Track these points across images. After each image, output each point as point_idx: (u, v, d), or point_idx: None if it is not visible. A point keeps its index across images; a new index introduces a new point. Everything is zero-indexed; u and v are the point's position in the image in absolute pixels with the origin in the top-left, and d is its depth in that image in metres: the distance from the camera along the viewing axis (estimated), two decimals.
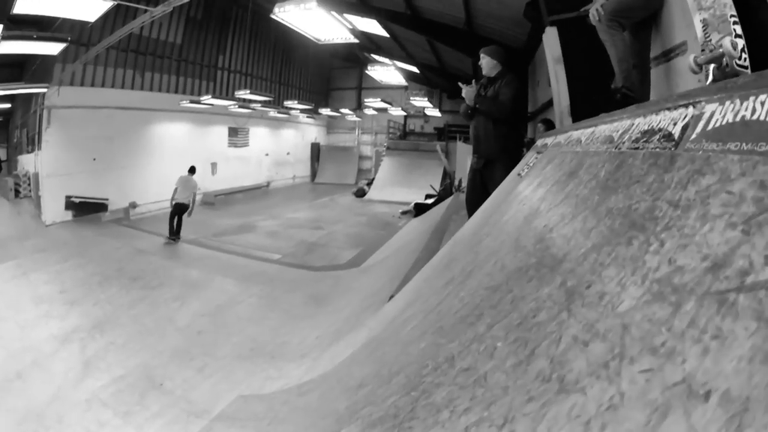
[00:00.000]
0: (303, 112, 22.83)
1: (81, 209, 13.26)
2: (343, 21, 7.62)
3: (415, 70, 17.72)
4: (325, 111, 23.75)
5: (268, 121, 22.63)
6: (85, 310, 6.57)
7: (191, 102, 15.47)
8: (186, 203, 10.87)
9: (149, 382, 4.69)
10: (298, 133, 26.17)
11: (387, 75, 15.95)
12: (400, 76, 16.39)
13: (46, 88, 12.11)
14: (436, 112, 22.32)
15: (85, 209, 13.34)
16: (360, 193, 21.48)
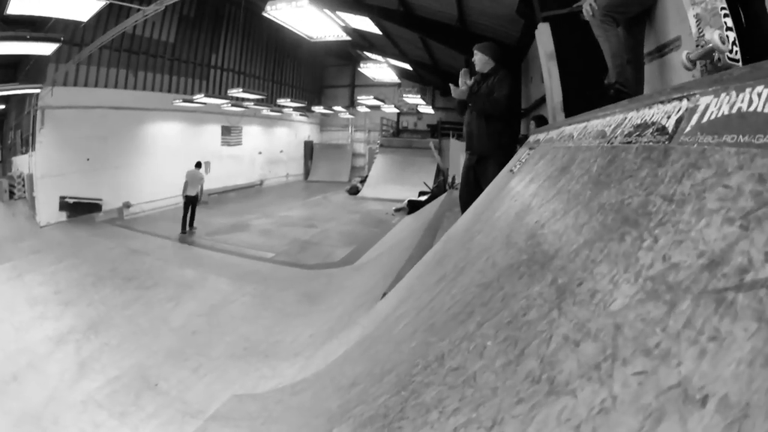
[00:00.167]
0: (296, 110, 22.72)
1: (75, 210, 13.20)
2: (336, 18, 7.58)
3: (408, 67, 17.71)
4: (318, 109, 23.67)
5: (261, 120, 22.54)
6: (80, 311, 6.56)
7: (184, 101, 15.41)
8: (195, 195, 12.33)
9: (144, 383, 4.69)
10: (291, 132, 26.07)
11: (380, 72, 15.86)
12: (393, 74, 16.32)
13: (39, 89, 12.03)
14: (429, 110, 22.24)
15: (79, 210, 13.28)
16: (353, 191, 21.37)
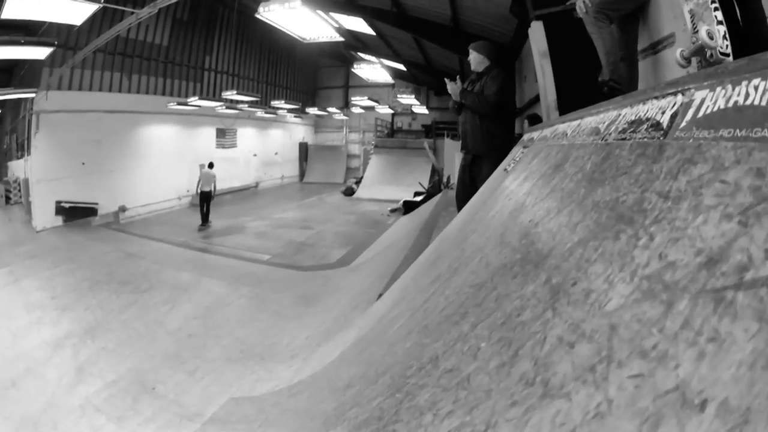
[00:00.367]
0: (290, 111, 22.66)
1: (71, 214, 13.17)
2: (329, 20, 7.57)
3: (401, 67, 17.73)
4: (313, 110, 23.59)
5: (255, 122, 22.46)
6: (77, 316, 6.54)
7: (179, 104, 15.34)
8: (209, 191, 13.63)
9: (141, 387, 4.67)
10: (285, 133, 26.01)
11: (374, 73, 15.86)
12: (386, 74, 16.32)
13: (34, 93, 11.99)
14: (423, 110, 22.26)
15: (75, 214, 13.25)
16: (348, 192, 21.37)
